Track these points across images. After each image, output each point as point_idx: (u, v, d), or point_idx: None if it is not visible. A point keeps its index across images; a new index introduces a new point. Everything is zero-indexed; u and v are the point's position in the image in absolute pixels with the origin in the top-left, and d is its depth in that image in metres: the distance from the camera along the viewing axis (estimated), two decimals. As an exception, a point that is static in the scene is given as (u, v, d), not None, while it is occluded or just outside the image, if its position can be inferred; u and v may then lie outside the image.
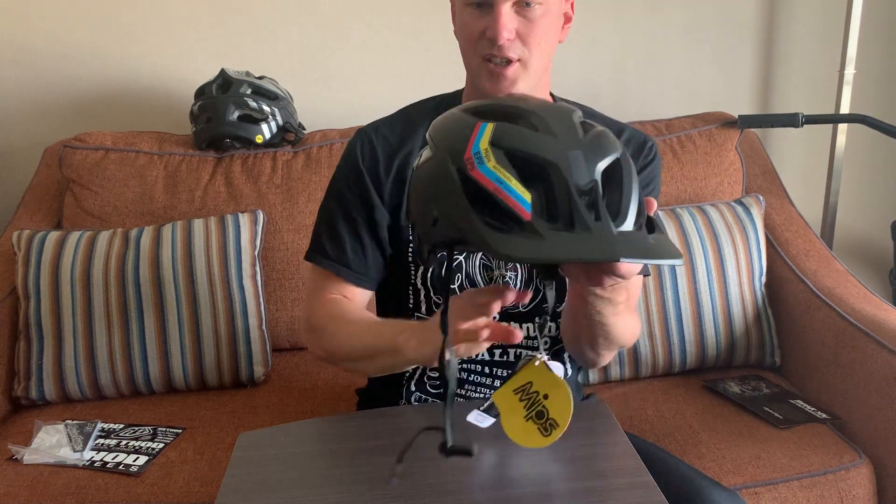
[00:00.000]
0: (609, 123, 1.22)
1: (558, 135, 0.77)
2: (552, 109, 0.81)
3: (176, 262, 1.64)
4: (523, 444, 0.88)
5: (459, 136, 0.78)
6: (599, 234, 0.73)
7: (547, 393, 0.88)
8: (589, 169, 0.76)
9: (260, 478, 0.94)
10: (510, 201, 0.74)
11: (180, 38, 1.99)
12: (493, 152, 0.76)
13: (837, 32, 2.02)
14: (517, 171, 0.75)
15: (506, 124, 0.78)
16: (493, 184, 0.75)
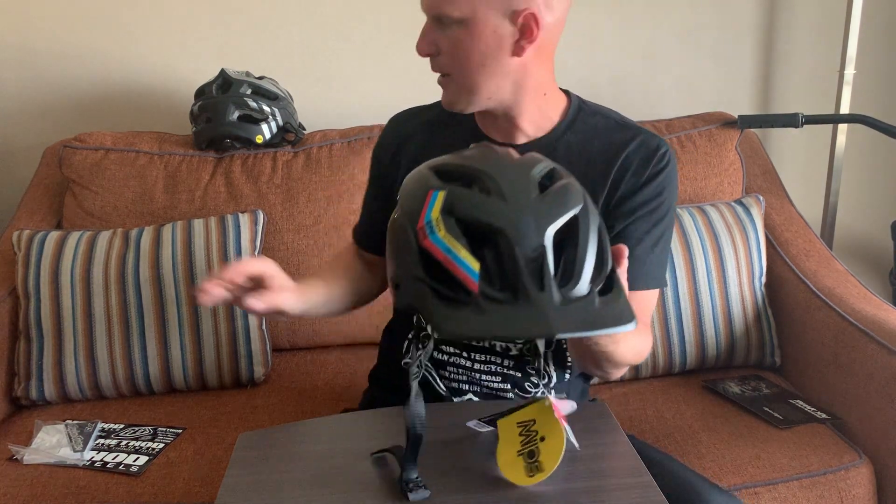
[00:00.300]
0: (624, 125, 1.20)
1: (509, 199, 0.77)
2: (511, 168, 0.81)
3: (176, 262, 1.65)
4: (506, 475, 0.89)
5: (416, 203, 0.80)
6: (539, 307, 0.74)
7: (544, 436, 0.89)
8: (538, 234, 0.76)
9: (260, 478, 0.94)
10: (459, 272, 0.75)
11: (180, 38, 1.99)
12: (444, 221, 0.77)
13: (837, 32, 2.03)
14: (468, 239, 0.76)
15: (459, 189, 0.79)
16: (442, 254, 0.76)
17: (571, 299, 0.76)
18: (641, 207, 1.14)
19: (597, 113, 1.22)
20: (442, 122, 1.23)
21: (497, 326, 0.74)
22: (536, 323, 0.73)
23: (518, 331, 0.75)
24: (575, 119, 1.19)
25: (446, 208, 0.78)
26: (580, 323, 0.75)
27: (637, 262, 1.13)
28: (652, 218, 1.15)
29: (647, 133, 1.19)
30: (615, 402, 1.57)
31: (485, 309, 0.74)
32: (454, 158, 0.85)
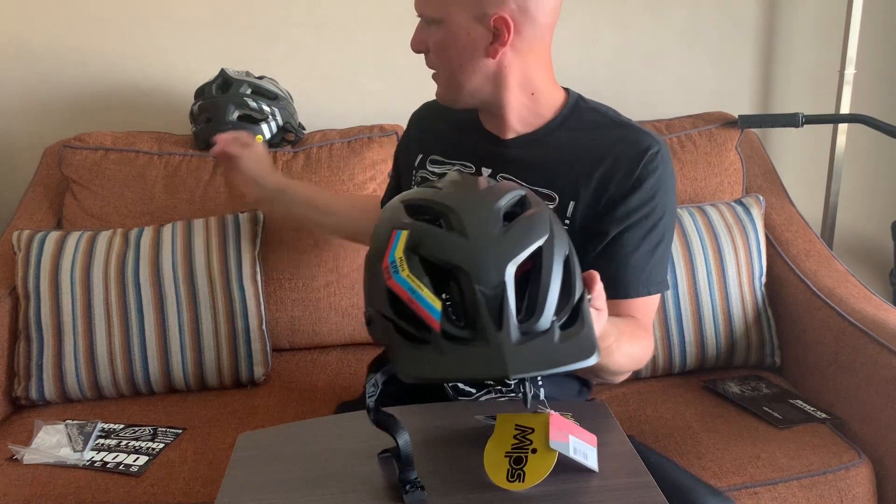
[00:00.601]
0: (619, 123, 1.20)
1: (470, 235, 0.78)
2: (477, 201, 0.82)
3: (176, 262, 1.65)
4: (487, 471, 0.90)
5: (382, 241, 0.81)
6: (496, 347, 0.74)
7: (537, 449, 0.89)
8: (498, 271, 0.76)
9: (260, 478, 0.94)
10: (421, 311, 0.76)
11: (180, 38, 1.99)
12: (408, 260, 0.78)
13: (837, 32, 2.03)
14: (431, 277, 0.77)
15: (423, 227, 0.80)
16: (406, 293, 0.77)
17: (532, 336, 0.76)
18: (635, 212, 1.13)
19: (594, 110, 1.22)
20: (450, 114, 1.26)
21: (455, 368, 0.74)
22: (492, 364, 0.74)
23: (474, 372, 0.75)
24: (569, 116, 1.20)
25: (410, 246, 0.79)
26: (537, 362, 0.75)
27: (636, 269, 1.14)
28: (647, 223, 1.14)
29: (641, 132, 1.17)
30: (615, 402, 1.57)
31: (444, 350, 0.75)
32: (425, 192, 0.85)
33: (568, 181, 1.16)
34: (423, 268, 0.77)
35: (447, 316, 0.76)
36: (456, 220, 0.79)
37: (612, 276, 1.13)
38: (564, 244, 0.83)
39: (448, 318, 0.76)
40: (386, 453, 0.95)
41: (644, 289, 1.15)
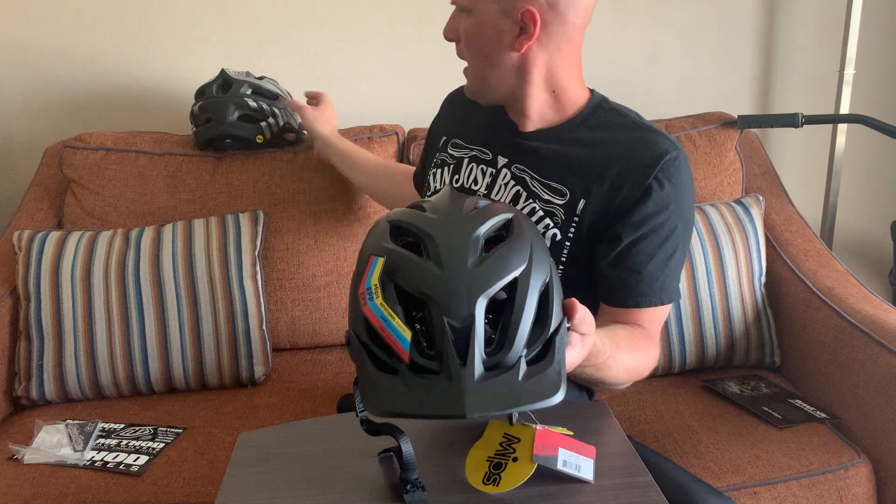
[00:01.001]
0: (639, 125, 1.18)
1: (445, 265, 0.77)
2: (457, 228, 0.81)
3: (176, 262, 1.65)
4: (466, 470, 0.91)
5: (361, 266, 0.82)
6: (458, 384, 0.74)
7: (517, 457, 0.90)
8: (468, 303, 0.76)
9: (260, 478, 0.94)
10: (392, 341, 0.76)
11: (180, 39, 1.99)
12: (383, 288, 0.78)
13: (837, 32, 2.03)
14: (404, 307, 0.77)
15: (399, 254, 0.80)
16: (379, 322, 0.77)
17: (497, 371, 0.76)
18: (650, 220, 1.11)
19: (615, 111, 1.20)
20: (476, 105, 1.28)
21: (416, 404, 0.74)
22: (451, 402, 0.73)
23: (433, 409, 0.74)
24: (590, 115, 1.19)
25: (386, 274, 0.79)
26: (497, 401, 0.75)
27: (649, 279, 1.12)
28: (663, 232, 1.11)
29: (660, 135, 1.14)
30: (615, 402, 1.57)
31: (408, 383, 0.75)
32: (410, 215, 0.85)
33: (580, 178, 1.14)
34: (398, 296, 0.78)
35: (418, 346, 0.76)
36: (433, 248, 0.79)
37: (623, 284, 1.13)
38: (544, 272, 0.82)
39: (419, 348, 0.76)
40: (386, 453, 0.95)
41: (656, 299, 1.13)
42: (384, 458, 0.96)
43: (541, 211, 1.16)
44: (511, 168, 1.20)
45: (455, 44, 1.18)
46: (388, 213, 0.88)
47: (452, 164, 1.27)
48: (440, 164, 1.30)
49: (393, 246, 0.81)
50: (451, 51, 1.20)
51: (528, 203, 1.17)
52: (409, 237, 0.83)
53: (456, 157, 1.27)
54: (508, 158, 1.21)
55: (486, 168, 1.23)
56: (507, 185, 1.20)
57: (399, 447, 0.88)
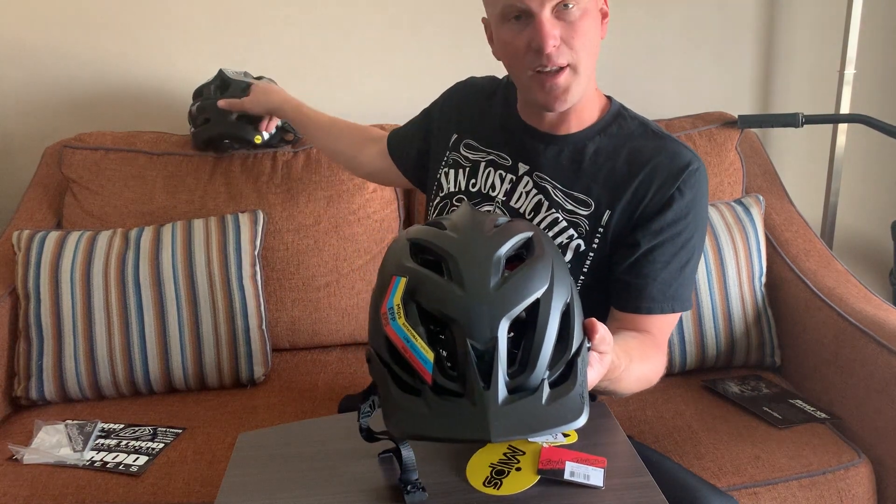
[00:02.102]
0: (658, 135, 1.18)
1: (467, 287, 0.77)
2: (478, 248, 0.80)
3: (176, 262, 1.65)
4: (468, 471, 0.91)
5: (383, 285, 0.81)
6: (481, 407, 0.74)
7: (521, 468, 0.91)
8: (491, 325, 0.75)
9: (260, 478, 0.94)
10: (415, 362, 0.76)
11: (180, 38, 1.99)
12: (405, 308, 0.78)
13: (837, 32, 2.03)
14: (426, 327, 0.77)
15: (422, 275, 0.79)
16: (401, 342, 0.77)
17: (520, 394, 0.76)
18: (669, 228, 1.11)
19: (634, 119, 1.20)
20: (489, 100, 1.26)
21: (440, 427, 0.74)
22: (475, 426, 0.73)
23: (457, 433, 0.74)
24: (611, 122, 1.18)
25: (408, 294, 0.78)
26: (521, 425, 0.74)
27: (662, 287, 1.12)
28: (679, 240, 1.12)
29: (682, 146, 1.15)
30: (615, 402, 1.57)
31: (432, 405, 0.75)
32: (431, 233, 0.84)
33: (605, 189, 1.14)
34: (420, 316, 0.77)
35: (441, 367, 0.76)
36: (454, 269, 0.78)
37: (638, 290, 1.12)
38: (565, 292, 0.81)
39: (442, 369, 0.76)
40: (386, 453, 0.95)
41: (668, 306, 1.13)
42: (384, 458, 0.96)
43: (564, 221, 1.15)
44: (532, 176, 1.18)
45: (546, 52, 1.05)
46: (407, 231, 0.87)
47: (468, 166, 1.24)
48: (453, 164, 1.27)
49: (414, 265, 0.80)
50: (451, 51, 1.20)
51: (551, 213, 1.15)
52: (428, 255, 0.82)
53: (472, 159, 1.24)
54: (530, 166, 1.18)
55: (504, 174, 1.20)
56: (528, 193, 1.18)
57: (399, 450, 0.88)
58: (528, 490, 0.88)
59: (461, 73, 1.27)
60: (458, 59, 1.18)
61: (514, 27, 1.07)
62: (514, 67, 1.12)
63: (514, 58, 1.10)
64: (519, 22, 1.07)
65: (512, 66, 1.13)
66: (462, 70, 1.30)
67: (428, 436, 0.74)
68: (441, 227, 0.85)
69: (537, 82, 1.09)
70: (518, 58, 1.09)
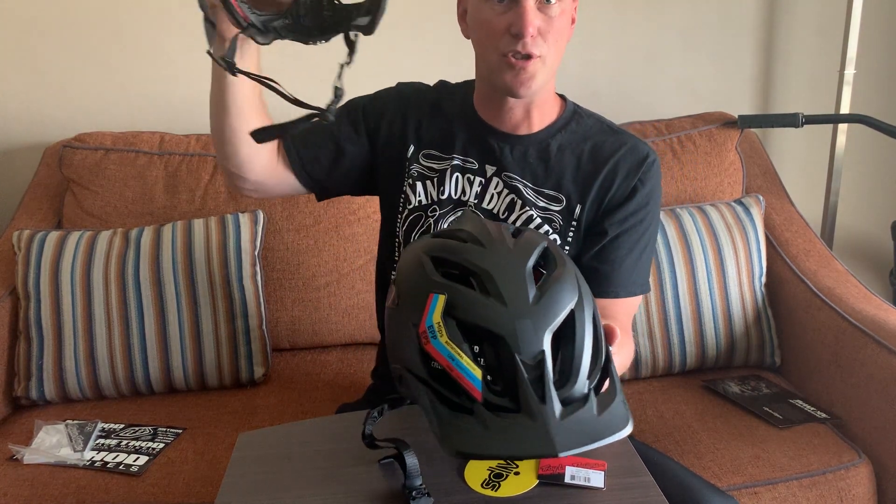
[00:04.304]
0: (615, 130, 1.23)
1: (508, 303, 0.77)
2: (508, 262, 0.80)
3: (176, 262, 1.65)
4: (466, 473, 0.91)
5: (417, 302, 0.79)
6: (541, 422, 0.73)
7: (520, 472, 0.91)
8: (537, 338, 0.76)
9: (260, 478, 0.94)
10: (462, 380, 0.75)
11: (180, 38, 1.99)
12: (446, 325, 0.77)
13: (837, 32, 2.03)
14: (469, 344, 0.76)
15: (460, 291, 0.78)
16: (445, 360, 0.76)
17: (571, 406, 0.76)
18: (632, 216, 1.18)
19: (590, 116, 1.25)
20: (440, 104, 1.25)
21: (501, 445, 0.74)
22: (539, 442, 0.73)
23: (521, 450, 0.74)
24: (570, 120, 1.23)
25: (447, 311, 0.78)
26: (581, 437, 0.75)
27: (627, 271, 1.19)
28: (640, 227, 1.19)
29: (636, 140, 1.22)
30: (615, 402, 1.57)
31: (488, 423, 0.74)
32: (455, 248, 0.83)
33: (574, 184, 1.19)
34: (462, 333, 0.76)
35: (486, 383, 0.75)
36: (491, 285, 0.78)
37: (605, 275, 1.18)
38: (591, 301, 0.82)
39: (487, 385, 0.75)
40: (387, 459, 0.94)
41: (631, 289, 1.20)
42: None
43: (538, 218, 1.18)
44: (501, 176, 1.20)
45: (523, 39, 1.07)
46: (422, 245, 0.85)
47: (434, 176, 1.23)
48: (418, 176, 1.23)
49: (448, 282, 0.80)
50: (451, 51, 1.20)
51: (525, 211, 1.18)
52: (451, 269, 0.81)
53: (437, 168, 1.23)
54: (497, 167, 1.20)
55: (473, 177, 1.21)
56: (499, 193, 1.20)
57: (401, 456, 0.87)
58: (528, 491, 0.88)
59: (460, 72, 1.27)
60: (456, 58, 1.17)
61: (497, 8, 1.09)
62: (486, 48, 1.13)
63: (488, 37, 1.11)
64: (502, 4, 1.09)
65: (483, 46, 1.14)
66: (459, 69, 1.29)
67: (492, 455, 0.74)
68: (459, 240, 0.84)
69: (507, 65, 1.10)
70: (493, 38, 1.10)
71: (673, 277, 1.65)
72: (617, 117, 2.06)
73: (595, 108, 1.27)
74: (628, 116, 1.98)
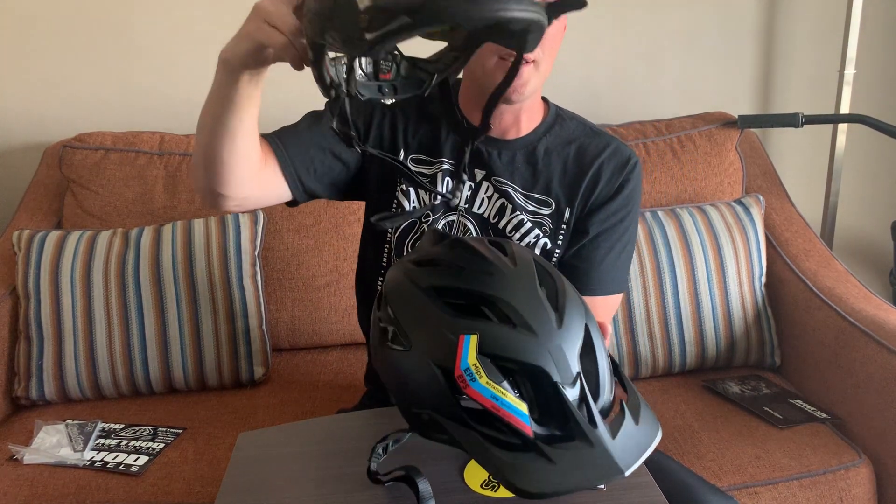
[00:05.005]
0: (597, 133, 1.25)
1: (538, 332, 0.75)
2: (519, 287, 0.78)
3: (176, 262, 1.65)
4: (465, 474, 0.91)
5: (442, 345, 0.76)
6: (600, 447, 0.73)
7: None
8: (571, 362, 0.75)
9: (260, 478, 0.94)
10: (511, 418, 0.74)
11: (180, 38, 1.99)
12: (483, 365, 0.75)
13: (837, 32, 2.03)
14: (507, 379, 0.75)
15: (490, 328, 0.76)
16: (489, 401, 0.74)
17: (616, 423, 0.76)
18: (614, 216, 1.20)
19: (573, 119, 1.26)
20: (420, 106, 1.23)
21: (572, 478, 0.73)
22: (605, 466, 0.73)
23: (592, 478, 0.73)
24: (554, 123, 1.24)
25: (481, 350, 0.75)
26: (636, 449, 0.75)
27: (606, 269, 1.20)
28: (621, 227, 1.21)
29: (618, 141, 1.24)
30: (615, 402, 1.57)
31: (552, 458, 0.73)
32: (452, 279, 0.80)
33: (562, 187, 1.20)
34: (498, 370, 0.75)
35: (535, 419, 0.74)
36: (514, 314, 0.76)
37: (585, 273, 1.20)
38: (589, 312, 0.82)
39: (536, 421, 0.74)
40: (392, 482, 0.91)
41: (611, 287, 1.21)
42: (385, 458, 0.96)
43: (529, 223, 1.19)
44: (491, 181, 1.20)
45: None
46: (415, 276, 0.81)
47: (426, 181, 1.22)
48: (410, 181, 1.22)
49: (472, 320, 0.77)
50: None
51: (516, 215, 1.19)
52: (457, 300, 0.79)
53: (428, 174, 1.22)
54: (486, 171, 1.20)
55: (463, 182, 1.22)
56: (490, 198, 1.20)
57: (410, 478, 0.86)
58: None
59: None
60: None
61: None
62: (482, 51, 1.09)
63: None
64: None
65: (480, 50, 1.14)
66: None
67: (567, 490, 0.73)
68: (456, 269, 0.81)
69: (502, 69, 1.09)
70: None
71: (673, 277, 1.65)
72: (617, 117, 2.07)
73: (595, 108, 1.27)
74: (628, 116, 1.98)
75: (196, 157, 1.05)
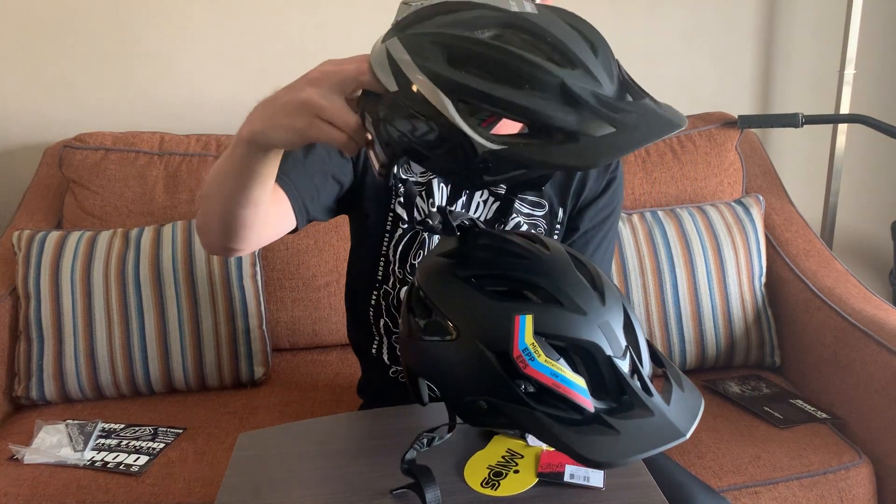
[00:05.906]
0: None
1: (584, 308, 0.78)
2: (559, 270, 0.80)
3: (176, 262, 1.65)
4: (465, 472, 0.91)
5: (495, 328, 0.77)
6: (660, 414, 0.76)
7: (519, 470, 0.91)
8: (619, 339, 0.78)
9: (260, 478, 0.94)
10: (572, 394, 0.75)
11: (181, 38, 1.99)
12: (540, 345, 0.76)
13: (837, 32, 2.03)
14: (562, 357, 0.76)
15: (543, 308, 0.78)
16: (550, 379, 0.75)
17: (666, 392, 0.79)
18: (601, 212, 1.22)
19: None
20: None
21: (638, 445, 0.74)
22: (667, 431, 0.75)
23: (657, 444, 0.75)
24: None
25: (536, 330, 0.77)
26: (689, 413, 0.79)
27: (596, 263, 1.21)
28: (608, 223, 1.23)
29: None
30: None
31: (619, 428, 0.74)
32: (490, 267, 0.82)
33: (553, 188, 1.21)
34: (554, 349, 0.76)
35: (593, 394, 0.76)
36: (564, 298, 0.78)
37: None
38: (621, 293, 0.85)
39: (595, 395, 0.76)
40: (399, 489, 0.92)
41: None
42: (384, 458, 0.96)
43: (525, 225, 1.20)
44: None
45: None
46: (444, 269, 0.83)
47: (422, 189, 1.21)
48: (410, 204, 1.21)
49: (522, 303, 0.78)
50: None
51: (512, 218, 1.19)
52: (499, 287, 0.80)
53: (422, 182, 1.21)
54: None
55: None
56: (485, 202, 1.21)
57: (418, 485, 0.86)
58: (528, 490, 0.88)
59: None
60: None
61: None
62: None
63: None
64: None
65: None
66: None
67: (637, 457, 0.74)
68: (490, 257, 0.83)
69: None
70: None
71: (673, 277, 1.65)
72: (617, 117, 2.04)
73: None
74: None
75: (209, 221, 0.99)
